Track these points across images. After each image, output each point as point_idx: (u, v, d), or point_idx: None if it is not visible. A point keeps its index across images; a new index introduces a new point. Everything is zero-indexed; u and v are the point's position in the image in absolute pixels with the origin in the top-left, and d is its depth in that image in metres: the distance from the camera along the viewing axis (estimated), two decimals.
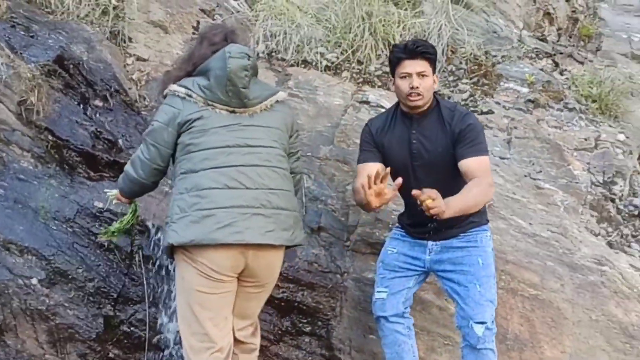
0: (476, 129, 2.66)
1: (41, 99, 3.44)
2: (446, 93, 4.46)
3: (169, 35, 4.61)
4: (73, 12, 4.46)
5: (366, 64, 4.60)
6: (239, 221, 2.37)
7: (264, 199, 2.42)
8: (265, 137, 2.51)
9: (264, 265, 2.48)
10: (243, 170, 2.42)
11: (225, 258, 2.39)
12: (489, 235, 2.74)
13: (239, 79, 2.43)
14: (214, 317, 2.45)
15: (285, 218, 2.48)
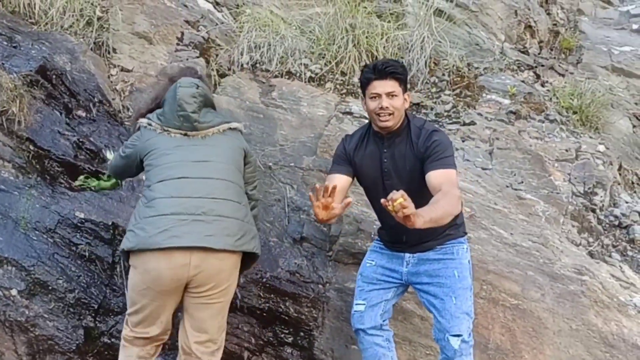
0: (443, 144, 2.66)
1: (23, 109, 3.43)
2: (429, 104, 4.50)
3: (154, 46, 4.62)
4: (57, 22, 4.46)
5: (350, 75, 4.63)
6: (177, 227, 2.46)
7: (207, 207, 2.52)
8: (215, 154, 2.67)
9: (209, 273, 2.47)
10: (189, 181, 2.57)
11: (166, 266, 2.45)
12: (465, 247, 2.73)
13: (188, 104, 2.66)
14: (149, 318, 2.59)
15: (228, 224, 2.52)
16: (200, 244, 2.44)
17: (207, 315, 2.57)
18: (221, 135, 2.74)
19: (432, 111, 4.45)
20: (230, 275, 2.57)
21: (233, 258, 2.54)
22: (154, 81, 4.44)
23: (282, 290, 3.12)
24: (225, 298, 2.58)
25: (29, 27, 4.33)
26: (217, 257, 2.48)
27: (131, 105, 4.22)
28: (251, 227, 2.62)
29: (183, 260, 2.45)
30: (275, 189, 3.51)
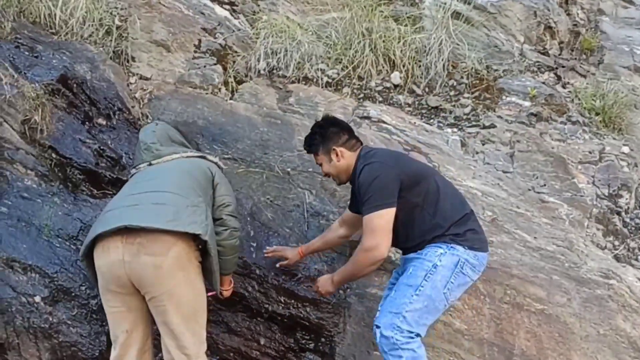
0: (363, 184, 2.61)
1: (45, 117, 3.46)
2: (448, 107, 4.46)
3: (172, 54, 4.65)
4: (77, 32, 4.50)
5: (367, 79, 4.62)
6: (110, 217, 2.46)
7: (144, 198, 2.50)
8: (170, 169, 2.69)
9: (143, 272, 2.36)
10: (138, 188, 2.61)
11: (104, 262, 2.41)
12: (441, 252, 2.59)
13: (148, 137, 2.87)
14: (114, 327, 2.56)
15: (163, 209, 2.42)
16: (123, 222, 2.35)
17: (172, 319, 2.43)
18: (184, 159, 2.79)
19: (450, 114, 4.41)
20: (171, 277, 2.38)
21: (171, 254, 2.37)
22: (172, 89, 4.48)
23: (303, 296, 3.10)
24: (179, 298, 2.41)
25: (49, 37, 4.37)
26: (148, 253, 2.35)
27: (150, 113, 4.25)
28: (193, 214, 2.43)
29: (116, 256, 2.37)
30: (294, 194, 3.49)
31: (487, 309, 3.02)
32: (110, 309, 2.51)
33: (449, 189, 2.76)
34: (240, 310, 3.15)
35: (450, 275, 2.56)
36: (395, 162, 2.67)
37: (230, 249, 2.66)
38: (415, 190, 2.60)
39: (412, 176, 2.63)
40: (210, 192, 2.64)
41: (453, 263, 2.56)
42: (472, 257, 2.60)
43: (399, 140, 3.99)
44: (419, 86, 4.64)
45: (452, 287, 2.57)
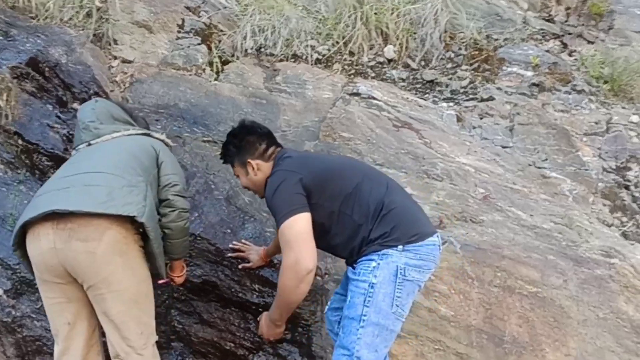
0: (268, 198, 2.29)
1: (10, 102, 3.31)
2: (444, 81, 4.20)
3: (154, 35, 4.47)
4: (56, 16, 4.36)
5: (359, 55, 4.38)
6: (42, 201, 2.25)
7: (76, 180, 2.28)
8: (107, 148, 2.46)
9: (76, 259, 2.16)
10: (71, 170, 2.39)
11: (36, 252, 2.22)
12: (372, 265, 2.17)
13: (85, 115, 2.60)
14: (54, 320, 2.36)
15: (96, 191, 2.21)
16: (51, 207, 2.15)
17: (111, 306, 2.24)
18: (126, 137, 2.55)
19: (447, 88, 4.15)
20: (107, 263, 2.18)
21: (105, 239, 2.16)
22: (155, 71, 4.30)
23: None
24: (113, 287, 2.20)
25: (28, 22, 4.23)
26: (80, 239, 2.15)
27: (131, 97, 4.08)
28: (129, 195, 2.21)
29: (47, 244, 2.18)
30: None
31: (476, 294, 2.78)
32: (48, 300, 2.33)
33: (372, 182, 2.31)
34: (213, 299, 2.97)
35: (393, 289, 2.14)
36: (299, 166, 2.29)
37: (179, 232, 2.45)
38: (327, 193, 2.23)
39: (319, 177, 2.25)
40: (154, 172, 2.43)
41: (391, 274, 2.14)
42: (413, 256, 2.17)
43: (389, 116, 3.75)
44: (414, 60, 4.38)
45: (401, 301, 2.16)
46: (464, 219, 3.01)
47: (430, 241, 2.23)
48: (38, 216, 2.16)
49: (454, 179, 3.25)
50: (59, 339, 2.34)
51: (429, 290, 2.79)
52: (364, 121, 3.63)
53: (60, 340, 2.33)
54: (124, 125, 2.59)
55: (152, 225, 2.24)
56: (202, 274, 2.96)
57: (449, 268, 2.82)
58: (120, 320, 2.25)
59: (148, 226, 2.21)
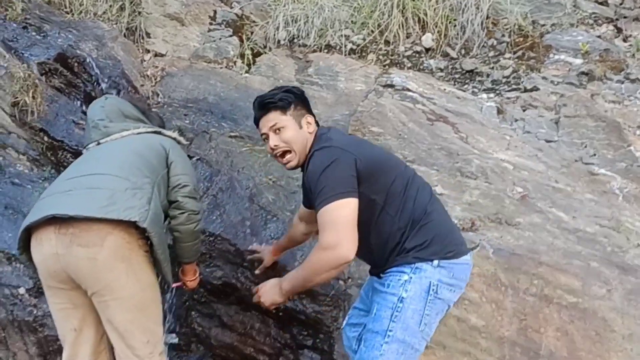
0: (315, 172, 2.00)
1: (36, 98, 3.30)
2: (485, 70, 3.95)
3: (186, 27, 4.41)
4: (90, 10, 4.35)
5: (395, 44, 4.18)
6: (44, 205, 2.17)
7: (79, 183, 2.19)
8: (115, 148, 2.38)
9: (77, 264, 2.09)
10: (76, 171, 2.31)
11: (39, 258, 2.16)
12: (404, 279, 1.99)
13: (95, 113, 2.52)
14: (61, 326, 2.30)
15: (98, 194, 2.12)
16: (51, 211, 2.08)
17: (114, 314, 2.18)
18: (135, 136, 2.46)
19: (488, 78, 3.91)
20: (109, 269, 2.10)
21: (107, 244, 2.08)
22: (186, 65, 4.24)
23: None
24: (116, 295, 2.13)
25: (62, 17, 4.24)
26: (81, 244, 2.07)
27: (161, 91, 4.03)
28: (132, 199, 2.14)
29: (50, 249, 2.11)
30: (299, 174, 3.14)
31: (510, 303, 2.58)
32: (54, 305, 2.28)
33: (419, 185, 2.12)
34: (234, 302, 2.89)
35: (424, 306, 1.98)
36: (354, 146, 2.06)
37: (189, 235, 2.36)
38: (375, 185, 2.01)
39: (372, 164, 2.03)
40: (162, 172, 2.33)
41: (423, 290, 1.97)
42: (447, 273, 2.00)
43: (424, 109, 3.55)
44: (453, 48, 4.15)
45: (430, 319, 2.01)
46: (498, 221, 2.80)
47: (465, 260, 2.06)
48: (39, 220, 2.11)
49: (490, 177, 3.04)
50: (66, 344, 2.30)
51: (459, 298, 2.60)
52: (395, 115, 3.45)
53: (68, 347, 2.29)
54: (134, 123, 2.51)
55: (156, 230, 2.14)
56: (222, 275, 2.88)
57: (481, 274, 2.63)
58: (125, 329, 2.18)
59: (151, 231, 2.12)
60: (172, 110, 3.85)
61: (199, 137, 3.56)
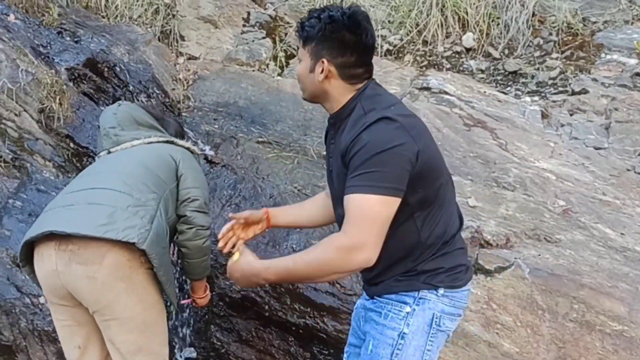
0: (368, 149, 1.59)
1: (63, 104, 3.28)
2: (529, 72, 3.72)
3: (219, 30, 4.34)
4: (125, 14, 4.34)
5: (433, 44, 3.98)
6: (45, 219, 2.11)
7: (81, 197, 2.11)
8: (120, 161, 2.29)
9: (76, 284, 2.01)
10: (79, 184, 2.24)
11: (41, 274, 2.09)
12: (406, 311, 1.71)
13: (107, 121, 2.46)
14: (65, 343, 2.23)
15: (98, 211, 2.02)
16: (49, 227, 2.00)
17: (115, 334, 2.09)
18: (146, 145, 2.36)
19: (532, 80, 3.67)
20: (109, 289, 2.01)
21: (106, 263, 1.99)
22: (219, 68, 4.17)
23: (320, 304, 2.63)
24: (123, 312, 2.04)
25: (98, 21, 4.24)
26: (80, 262, 1.98)
27: (193, 95, 3.97)
28: (133, 217, 2.03)
29: (50, 265, 2.03)
30: (324, 182, 3.01)
31: (547, 328, 2.36)
32: (58, 322, 2.22)
33: (454, 200, 1.80)
34: (253, 317, 2.77)
35: (426, 341, 1.72)
36: (419, 133, 1.65)
37: (197, 251, 2.25)
38: (419, 187, 1.64)
39: (430, 164, 1.65)
40: (171, 186, 2.23)
41: (426, 323, 1.72)
42: (448, 302, 1.74)
43: (461, 113, 3.36)
44: (496, 48, 3.93)
45: (431, 355, 1.75)
46: (536, 238, 2.58)
47: (466, 288, 1.81)
48: (38, 236, 2.04)
49: (529, 188, 2.81)
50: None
51: (490, 322, 2.41)
52: (429, 120, 3.26)
53: None
54: (146, 131, 2.42)
55: (156, 252, 2.04)
56: (242, 289, 2.76)
57: (515, 296, 2.42)
58: (127, 350, 2.09)
59: (150, 253, 2.01)
60: (201, 114, 3.77)
61: (227, 143, 3.47)
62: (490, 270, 2.48)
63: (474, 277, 2.48)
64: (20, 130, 3.25)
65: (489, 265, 2.49)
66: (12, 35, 3.45)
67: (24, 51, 3.36)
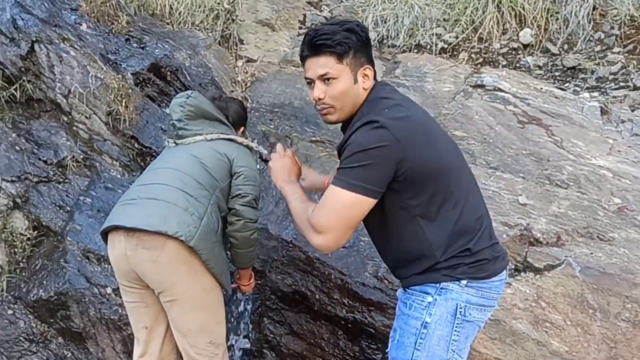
0: (352, 148, 1.68)
1: (128, 107, 3.47)
2: (589, 67, 3.62)
3: (276, 32, 4.45)
4: (188, 20, 4.52)
5: (489, 41, 3.94)
6: (114, 212, 2.31)
7: (141, 191, 2.30)
8: (180, 157, 2.41)
9: (142, 267, 2.20)
10: (144, 179, 2.41)
11: (112, 258, 2.30)
12: (428, 300, 1.75)
13: (175, 113, 2.54)
14: (134, 323, 2.42)
15: (155, 206, 2.20)
16: (114, 222, 2.22)
17: (177, 315, 2.27)
18: (206, 142, 2.47)
19: (592, 75, 3.57)
20: (171, 271, 2.18)
21: (167, 247, 2.15)
22: (276, 70, 4.28)
23: (368, 299, 2.68)
24: (183, 294, 2.21)
25: (163, 28, 4.44)
26: (145, 247, 2.17)
27: (250, 97, 4.11)
28: (183, 214, 2.17)
29: (120, 250, 2.24)
30: None
31: (598, 328, 2.31)
32: (128, 304, 2.42)
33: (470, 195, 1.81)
34: (303, 310, 2.85)
35: (451, 331, 1.75)
36: (411, 140, 1.68)
37: (244, 242, 2.38)
38: (418, 191, 1.70)
39: (424, 170, 1.69)
40: (224, 184, 2.38)
41: (450, 313, 1.74)
42: (475, 292, 1.75)
43: (515, 110, 3.31)
44: (554, 44, 3.84)
45: (458, 344, 1.77)
46: (589, 236, 2.53)
47: (498, 279, 1.80)
48: (107, 228, 2.29)
49: (584, 185, 2.75)
50: (138, 341, 2.42)
51: (539, 320, 2.38)
52: (482, 117, 3.24)
53: (140, 344, 2.41)
54: (210, 126, 2.53)
55: (204, 246, 2.19)
56: (293, 283, 2.86)
57: (566, 295, 2.38)
58: (187, 329, 2.25)
59: (198, 249, 2.17)
60: (258, 115, 3.89)
61: (281, 142, 3.57)
62: (539, 268, 2.46)
63: (522, 274, 2.47)
64: (90, 131, 3.47)
65: (538, 263, 2.46)
66: (83, 43, 3.68)
67: (94, 57, 3.58)
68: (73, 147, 3.44)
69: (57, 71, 3.50)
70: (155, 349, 2.40)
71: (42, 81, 3.49)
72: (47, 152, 3.42)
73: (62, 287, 3.04)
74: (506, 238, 2.53)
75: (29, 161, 3.40)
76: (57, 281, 3.06)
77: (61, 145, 3.43)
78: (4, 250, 3.26)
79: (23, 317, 3.13)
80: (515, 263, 2.49)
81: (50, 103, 3.48)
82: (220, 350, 2.32)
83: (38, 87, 3.49)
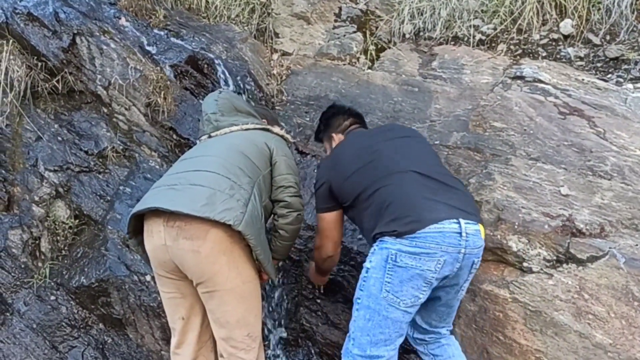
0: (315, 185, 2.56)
1: (167, 99, 3.52)
2: (632, 57, 3.52)
3: (312, 25, 4.46)
4: (224, 14, 4.56)
5: (528, 32, 3.87)
6: (151, 196, 2.29)
7: (183, 178, 2.29)
8: (219, 146, 2.44)
9: (183, 256, 2.17)
10: (182, 166, 2.41)
11: (150, 247, 2.28)
12: (371, 251, 2.25)
13: (209, 107, 2.66)
14: (170, 314, 2.44)
15: (199, 192, 2.17)
16: (155, 204, 2.18)
17: (216, 306, 2.26)
18: (243, 132, 2.51)
19: (635, 66, 3.48)
20: (212, 262, 2.16)
21: (209, 238, 2.14)
22: (311, 62, 4.29)
23: None
24: (225, 285, 2.19)
25: (200, 21, 4.49)
26: (186, 237, 2.14)
27: (286, 89, 4.12)
28: (229, 200, 2.17)
29: (159, 240, 2.21)
30: None
31: None
32: (164, 294, 2.41)
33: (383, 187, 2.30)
34: (340, 300, 2.85)
35: (383, 274, 2.16)
36: (331, 170, 2.46)
37: (293, 234, 2.40)
38: (346, 197, 2.40)
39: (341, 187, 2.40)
40: (265, 172, 2.37)
41: (382, 259, 2.17)
42: (408, 243, 2.12)
43: (556, 102, 3.25)
44: (596, 34, 3.75)
45: (392, 286, 2.14)
46: (634, 227, 2.47)
47: (428, 229, 2.11)
48: (143, 210, 2.24)
49: (628, 176, 2.69)
50: (175, 332, 2.42)
51: (581, 312, 2.34)
52: (522, 108, 3.19)
53: (176, 334, 2.41)
54: (244, 118, 2.57)
55: (252, 232, 2.16)
56: (330, 273, 2.85)
57: (609, 286, 2.33)
58: (225, 320, 2.24)
59: (246, 233, 2.15)
60: (294, 107, 3.91)
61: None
62: (582, 260, 2.41)
63: (565, 266, 2.43)
64: (129, 123, 3.53)
65: (581, 254, 2.42)
66: (122, 37, 3.74)
67: (133, 50, 3.64)
68: (113, 138, 3.50)
69: (97, 63, 3.57)
70: (192, 340, 2.40)
71: (83, 73, 3.56)
72: (88, 143, 3.49)
73: (103, 274, 3.09)
74: (548, 229, 2.49)
75: (71, 151, 3.47)
76: (98, 268, 3.12)
77: (101, 136, 3.50)
78: (47, 238, 3.34)
79: (65, 303, 3.19)
80: (557, 254, 2.45)
81: (91, 95, 3.55)
82: (256, 343, 2.32)
83: (79, 79, 3.57)
